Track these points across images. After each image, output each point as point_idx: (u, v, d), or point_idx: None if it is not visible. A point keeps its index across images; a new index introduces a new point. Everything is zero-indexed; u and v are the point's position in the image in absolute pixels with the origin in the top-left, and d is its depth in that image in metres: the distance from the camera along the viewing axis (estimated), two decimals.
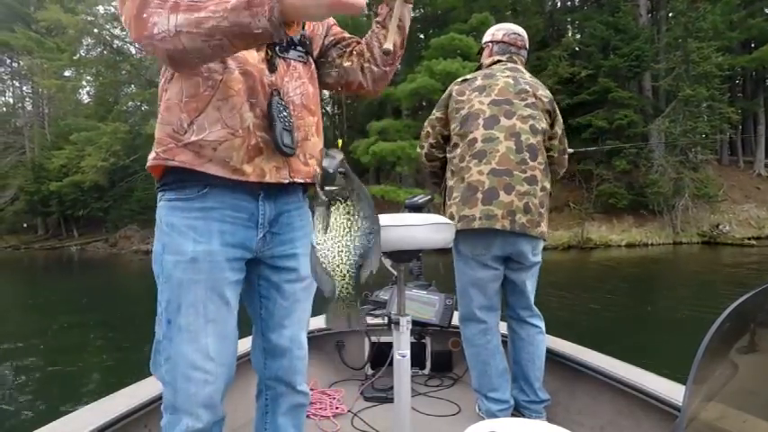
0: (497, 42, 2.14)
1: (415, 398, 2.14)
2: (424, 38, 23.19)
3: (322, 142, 1.20)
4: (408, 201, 2.48)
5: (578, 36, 23.92)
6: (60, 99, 30.55)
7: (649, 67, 19.99)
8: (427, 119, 2.12)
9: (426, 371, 2.50)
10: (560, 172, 2.15)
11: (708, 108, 18.90)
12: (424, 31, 24.11)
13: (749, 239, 17.78)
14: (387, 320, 2.42)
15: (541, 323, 2.03)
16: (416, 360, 2.43)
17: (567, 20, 25.87)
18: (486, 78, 2.02)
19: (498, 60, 2.10)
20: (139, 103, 27.90)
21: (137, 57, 26.29)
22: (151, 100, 23.97)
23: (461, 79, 2.10)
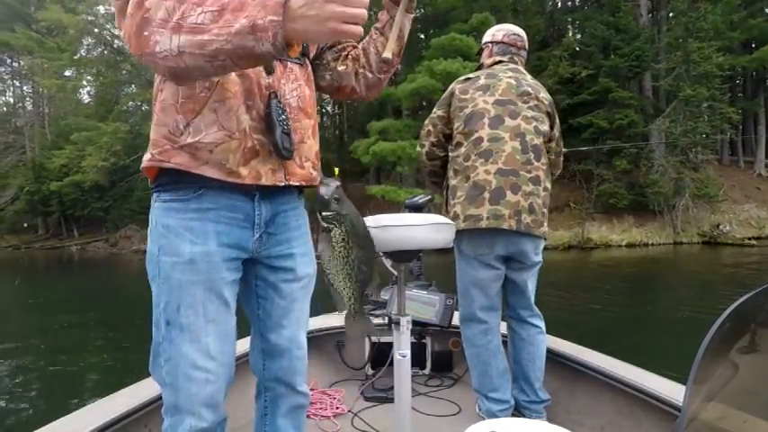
0: (497, 43, 2.14)
1: (415, 398, 2.14)
2: (424, 38, 23.20)
3: (318, 145, 1.19)
4: (408, 201, 2.47)
5: (579, 36, 23.92)
6: (61, 99, 30.61)
7: (650, 67, 20.00)
8: (428, 117, 2.12)
9: (427, 371, 2.50)
10: (555, 173, 2.16)
11: (708, 108, 18.91)
12: (424, 31, 24.11)
13: (749, 239, 17.78)
14: (387, 320, 2.42)
15: (542, 323, 2.02)
16: (417, 360, 2.43)
17: (568, 20, 25.88)
18: (489, 78, 2.02)
19: (500, 61, 2.10)
20: (140, 103, 27.94)
21: None
22: (151, 100, 23.95)
23: (463, 78, 2.09)
